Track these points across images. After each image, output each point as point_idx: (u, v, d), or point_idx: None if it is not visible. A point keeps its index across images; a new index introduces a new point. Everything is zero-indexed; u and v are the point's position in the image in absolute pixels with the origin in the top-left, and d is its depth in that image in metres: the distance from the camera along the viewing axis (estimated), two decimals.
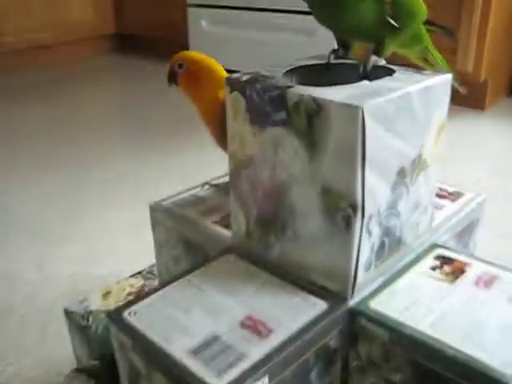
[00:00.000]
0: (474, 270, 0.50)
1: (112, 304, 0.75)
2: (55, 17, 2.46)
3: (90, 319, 0.72)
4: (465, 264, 0.51)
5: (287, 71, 0.49)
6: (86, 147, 1.66)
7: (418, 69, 0.50)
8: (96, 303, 0.74)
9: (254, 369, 0.39)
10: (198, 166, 1.42)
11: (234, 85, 0.46)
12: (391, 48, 0.49)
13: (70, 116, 1.96)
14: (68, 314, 0.73)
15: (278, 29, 2.00)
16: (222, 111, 0.49)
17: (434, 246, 0.54)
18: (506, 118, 1.81)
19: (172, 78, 0.63)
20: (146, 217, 0.66)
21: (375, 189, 0.42)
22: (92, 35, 2.62)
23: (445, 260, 0.51)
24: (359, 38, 0.49)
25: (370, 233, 0.44)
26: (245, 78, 0.46)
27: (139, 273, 0.80)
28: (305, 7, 1.89)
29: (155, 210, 0.62)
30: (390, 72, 0.49)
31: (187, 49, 2.34)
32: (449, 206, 0.61)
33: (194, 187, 0.67)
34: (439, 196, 0.63)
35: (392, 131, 0.42)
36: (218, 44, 2.21)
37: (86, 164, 1.52)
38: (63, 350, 0.82)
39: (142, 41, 2.67)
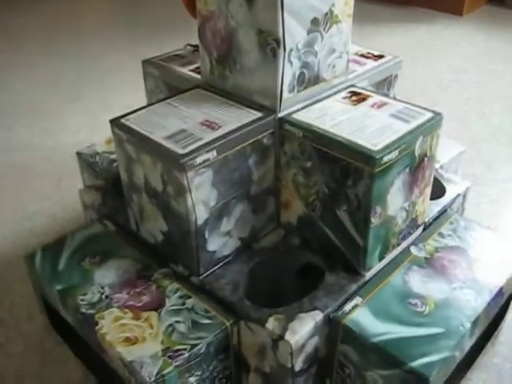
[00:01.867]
0: (374, 99, 0.69)
1: (113, 147, 0.95)
2: None
3: (97, 157, 0.92)
4: (369, 96, 0.70)
5: None
6: (87, 39, 1.81)
7: None
8: (101, 147, 0.95)
9: (207, 145, 0.59)
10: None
11: None
12: None
13: (68, 14, 2.11)
14: (79, 155, 0.94)
15: None
16: None
17: (351, 86, 0.73)
18: (482, 23, 1.95)
19: None
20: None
21: (293, 30, 0.61)
22: None
23: (355, 93, 0.71)
24: None
25: (291, 63, 0.63)
26: None
27: None
28: None
29: (146, 64, 0.81)
30: None
31: None
32: (370, 63, 0.80)
33: (179, 49, 0.86)
34: (365, 57, 0.82)
35: None
36: None
37: (87, 54, 1.69)
38: (76, 195, 1.03)
39: None
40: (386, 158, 0.58)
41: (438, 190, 0.81)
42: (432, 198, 0.76)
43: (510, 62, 1.61)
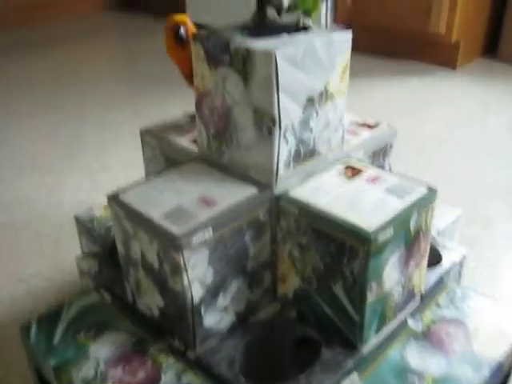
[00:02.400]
0: (369, 173, 0.70)
1: None
2: None
3: (95, 223, 0.93)
4: (364, 169, 0.71)
5: (239, 28, 0.68)
6: (85, 95, 1.84)
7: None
8: (99, 211, 0.96)
9: (203, 224, 0.60)
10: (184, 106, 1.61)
11: (197, 38, 0.66)
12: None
13: (67, 68, 2.15)
14: (78, 219, 0.95)
15: None
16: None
17: (346, 158, 0.74)
18: (477, 76, 1.98)
19: (180, 39, 0.79)
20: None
21: (289, 109, 0.62)
22: None
23: (350, 167, 0.72)
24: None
25: (286, 140, 0.64)
26: (205, 33, 0.66)
27: None
28: None
29: (144, 133, 0.83)
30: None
31: (184, 7, 2.50)
32: (365, 133, 0.81)
33: (177, 118, 0.87)
34: (360, 126, 0.83)
35: (300, 70, 0.62)
36: (213, 4, 2.37)
37: (84, 110, 1.71)
38: (73, 257, 1.03)
39: None
40: (380, 237, 0.59)
41: (435, 258, 0.81)
42: (429, 265, 0.76)
43: (505, 115, 1.63)
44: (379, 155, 0.83)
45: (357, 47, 2.24)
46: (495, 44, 2.12)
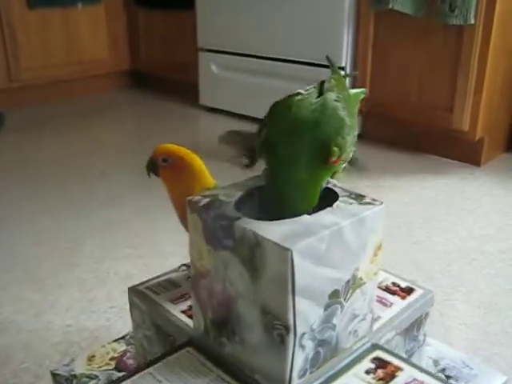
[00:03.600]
0: (405, 375, 0.56)
1: (95, 368, 0.82)
2: (72, 54, 2.57)
3: (74, 382, 0.78)
4: (398, 369, 0.57)
5: (248, 194, 0.56)
6: (92, 187, 1.73)
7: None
8: (80, 367, 0.81)
9: None
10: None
11: (193, 208, 0.53)
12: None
13: (79, 150, 2.06)
14: (54, 376, 0.80)
15: (284, 77, 2.08)
16: None
17: (375, 346, 0.60)
18: (501, 173, 1.86)
19: (153, 168, 0.69)
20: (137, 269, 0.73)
21: (307, 312, 0.49)
22: (107, 72, 2.73)
23: (380, 363, 0.57)
24: None
25: (303, 347, 0.50)
26: (203, 202, 0.53)
27: (122, 338, 0.87)
28: (310, 59, 1.96)
29: (132, 293, 0.69)
30: (335, 197, 0.55)
31: (197, 90, 2.44)
32: (397, 304, 0.67)
33: (172, 270, 0.74)
34: (390, 291, 0.69)
35: (322, 264, 0.48)
36: (227, 88, 2.30)
37: (90, 205, 1.60)
38: None
39: (155, 79, 2.77)
40: None
41: None
42: None
43: None
44: (413, 327, 0.68)
45: (374, 139, 2.15)
46: None
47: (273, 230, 0.48)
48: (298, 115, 0.53)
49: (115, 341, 0.86)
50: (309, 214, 0.51)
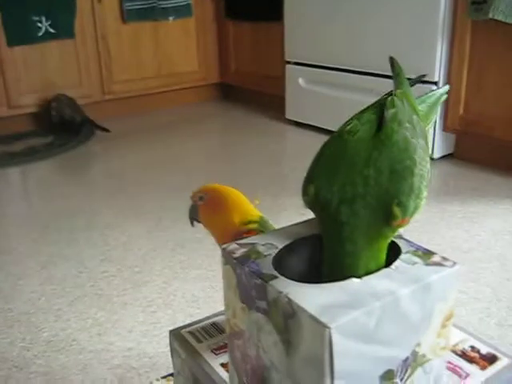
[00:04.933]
0: None
1: None
2: (163, 67, 2.60)
3: None
4: None
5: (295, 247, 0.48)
6: (167, 204, 1.71)
7: None
8: None
9: None
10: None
11: (227, 259, 0.46)
12: None
13: (160, 164, 2.07)
14: None
15: (373, 92, 1.97)
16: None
17: None
18: None
19: (194, 214, 0.63)
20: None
21: None
22: (197, 84, 2.74)
23: None
24: None
25: None
26: (238, 253, 0.46)
27: (171, 374, 0.82)
28: None
29: (173, 337, 0.63)
30: (398, 251, 0.46)
31: (284, 103, 2.38)
32: (475, 376, 0.56)
33: (220, 312, 0.67)
34: (468, 358, 0.58)
35: (371, 342, 0.40)
36: (314, 102, 2.22)
37: (163, 222, 1.57)
38: None
39: (244, 91, 2.75)
40: None
41: None
42: None
43: None
44: None
45: (468, 159, 1.97)
46: None
47: (311, 297, 0.40)
48: (352, 168, 0.44)
49: (164, 377, 0.81)
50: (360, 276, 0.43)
